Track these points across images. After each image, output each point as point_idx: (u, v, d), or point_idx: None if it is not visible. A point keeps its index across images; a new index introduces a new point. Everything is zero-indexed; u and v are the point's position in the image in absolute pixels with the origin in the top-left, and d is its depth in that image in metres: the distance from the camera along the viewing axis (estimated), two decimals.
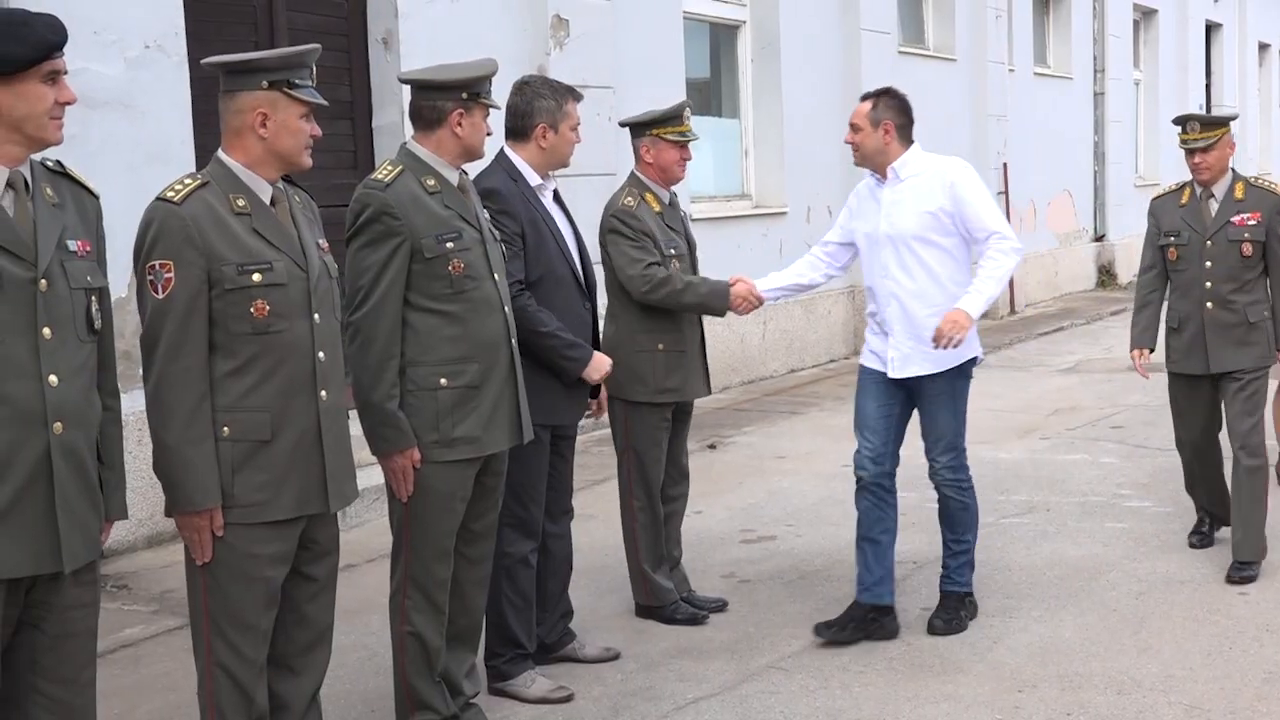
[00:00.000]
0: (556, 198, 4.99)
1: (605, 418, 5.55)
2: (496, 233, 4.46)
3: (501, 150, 4.87)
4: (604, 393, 5.28)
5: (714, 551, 6.61)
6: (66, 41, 3.04)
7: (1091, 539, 6.69)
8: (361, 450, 4.13)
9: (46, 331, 3.00)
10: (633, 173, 5.64)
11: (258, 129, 3.55)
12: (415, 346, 4.18)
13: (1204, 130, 6.09)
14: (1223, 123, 6.15)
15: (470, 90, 4.27)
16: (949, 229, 5.26)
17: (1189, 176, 6.25)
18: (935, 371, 5.28)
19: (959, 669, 5.04)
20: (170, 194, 3.49)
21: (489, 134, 4.37)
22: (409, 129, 4.38)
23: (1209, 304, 6.10)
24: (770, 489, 7.92)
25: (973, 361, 5.36)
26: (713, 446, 9.13)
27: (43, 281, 3.00)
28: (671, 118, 5.56)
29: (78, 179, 3.25)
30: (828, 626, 5.33)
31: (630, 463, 5.60)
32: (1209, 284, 6.10)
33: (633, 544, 5.63)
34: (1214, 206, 6.14)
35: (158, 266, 3.44)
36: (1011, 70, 16.48)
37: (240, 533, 3.53)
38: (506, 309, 4.34)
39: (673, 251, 5.52)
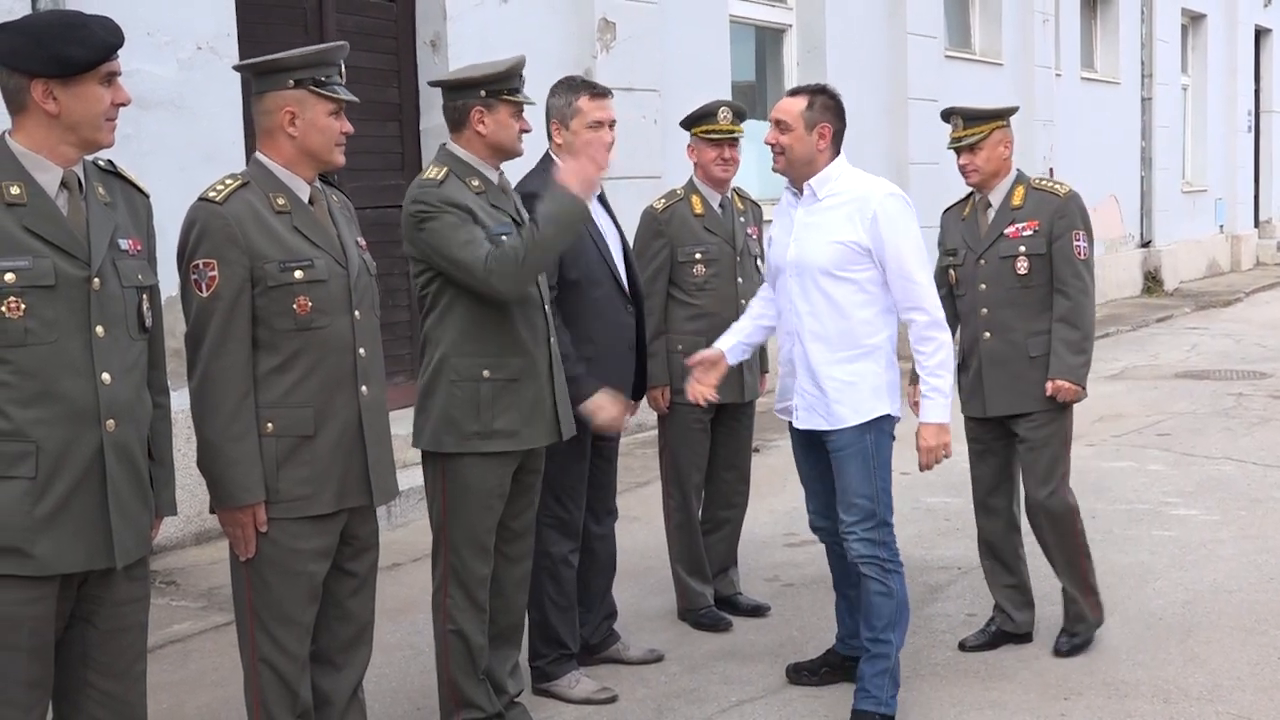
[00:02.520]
0: (602, 200, 4.99)
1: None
2: None
3: (546, 151, 4.89)
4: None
5: (758, 555, 6.60)
6: (123, 43, 3.08)
7: (1138, 546, 6.64)
8: (404, 450, 4.16)
9: (99, 330, 3.04)
10: (691, 175, 5.66)
11: (287, 128, 3.59)
12: (461, 338, 4.20)
13: (969, 125, 5.16)
14: (993, 116, 5.19)
15: (489, 88, 4.25)
16: (864, 261, 4.44)
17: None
18: (836, 428, 4.51)
19: (1004, 676, 5.02)
20: (212, 194, 3.53)
21: (526, 130, 4.34)
22: None
23: (986, 334, 5.15)
24: None
25: (888, 419, 4.52)
26: (757, 450, 9.08)
27: (95, 280, 3.04)
28: (706, 115, 5.56)
29: (129, 178, 3.29)
30: (797, 670, 5.00)
31: (666, 462, 5.63)
32: (984, 310, 5.15)
33: (670, 545, 5.64)
34: (990, 217, 5.22)
35: (201, 265, 3.48)
36: (1058, 75, 16.39)
37: (284, 528, 3.56)
38: (547, 306, 4.36)
39: (699, 255, 5.51)
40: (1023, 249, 5.09)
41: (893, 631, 4.54)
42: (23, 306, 2.93)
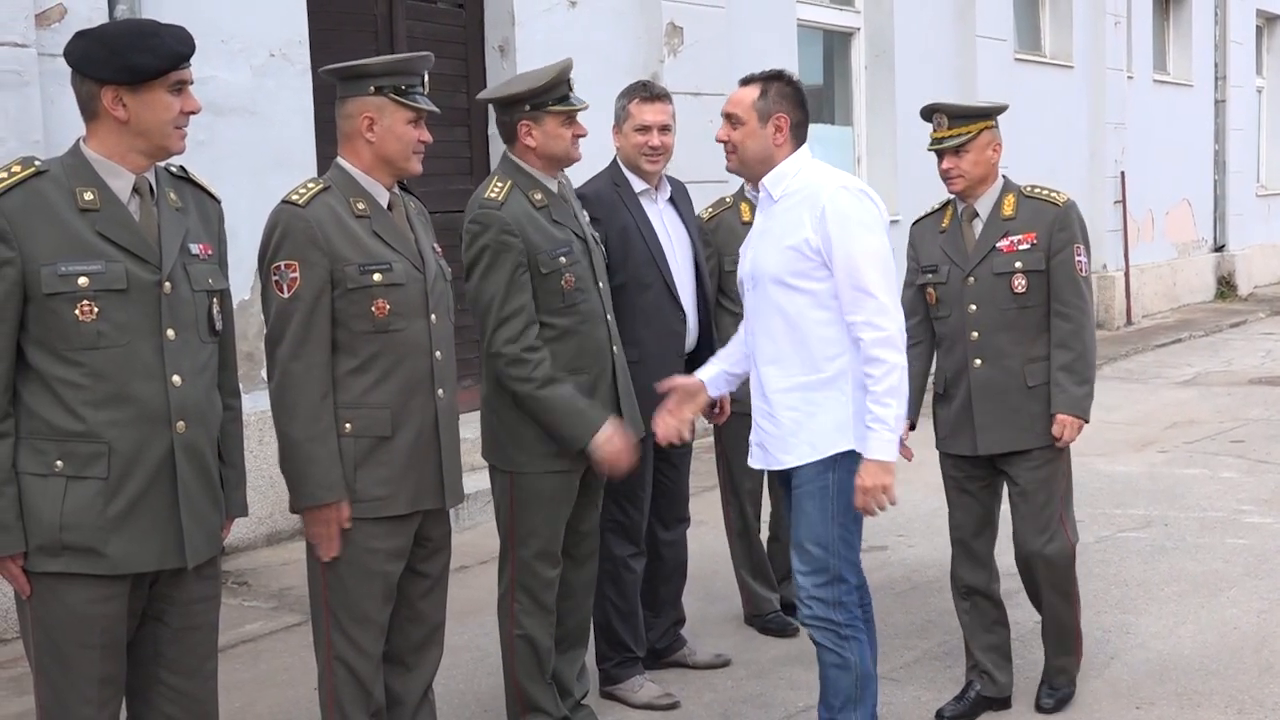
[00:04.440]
0: (674, 201, 4.99)
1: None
2: (597, 234, 4.48)
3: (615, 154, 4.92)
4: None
5: None
6: (194, 53, 3.11)
7: (1211, 555, 6.55)
8: (471, 454, 4.18)
9: (170, 333, 3.08)
10: (742, 183, 5.64)
11: (365, 133, 3.62)
12: None
13: (954, 125, 4.56)
14: (981, 115, 4.59)
15: (532, 101, 4.23)
16: (822, 269, 3.78)
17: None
18: (793, 466, 3.90)
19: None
20: (295, 197, 3.58)
21: (580, 135, 4.32)
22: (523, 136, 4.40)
23: (977, 361, 4.57)
24: None
25: (851, 455, 3.81)
26: None
27: (167, 284, 3.08)
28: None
29: (200, 184, 3.33)
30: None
31: (723, 469, 5.62)
32: (974, 334, 4.57)
33: (732, 551, 5.63)
34: (978, 229, 4.63)
35: (283, 267, 3.52)
36: (1130, 77, 16.20)
37: (361, 528, 3.59)
38: (609, 316, 4.36)
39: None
40: (1019, 265, 4.52)
41: (853, 710, 3.89)
42: (95, 310, 2.98)
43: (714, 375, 4.22)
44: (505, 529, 4.33)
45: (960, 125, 4.55)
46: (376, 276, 3.55)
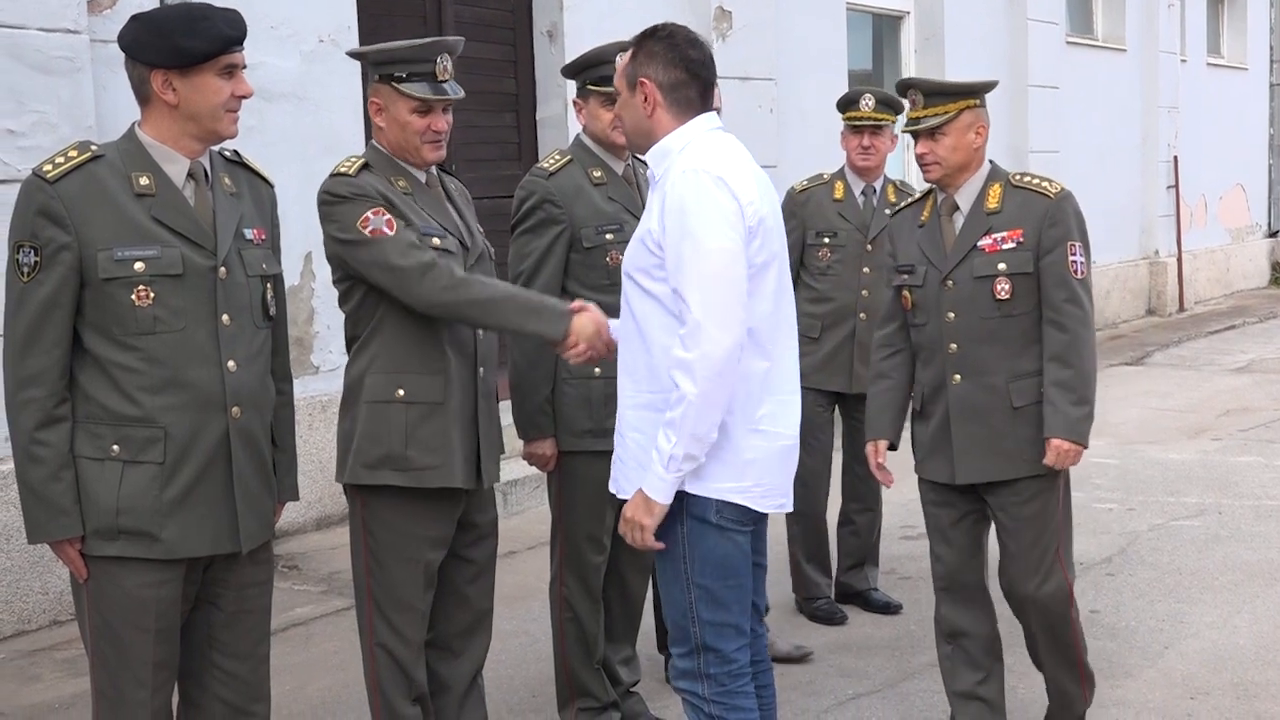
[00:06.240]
0: None
1: None
2: None
3: None
4: None
5: None
6: (245, 37, 3.10)
7: (1267, 544, 6.47)
8: (515, 439, 4.17)
9: (225, 318, 3.09)
10: (844, 162, 5.64)
11: (376, 119, 3.63)
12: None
13: (930, 103, 3.96)
14: (963, 92, 3.97)
15: (579, 79, 4.29)
16: (664, 269, 3.12)
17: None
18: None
19: (1128, 674, 4.91)
20: (342, 169, 3.58)
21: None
22: (573, 121, 4.41)
23: (955, 376, 3.99)
24: None
25: (703, 502, 3.13)
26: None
27: (222, 269, 3.08)
28: (849, 101, 5.54)
29: (254, 168, 3.34)
30: None
31: None
32: (952, 346, 3.99)
33: (788, 532, 5.60)
34: (959, 224, 4.03)
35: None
36: (1184, 61, 16.03)
37: (403, 511, 3.58)
38: None
39: (827, 240, 5.46)
40: (1003, 266, 3.93)
41: None
42: (152, 295, 2.99)
43: None
44: (555, 510, 4.35)
45: (937, 104, 3.96)
46: (435, 241, 3.55)
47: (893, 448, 4.24)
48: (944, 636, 4.20)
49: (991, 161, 4.09)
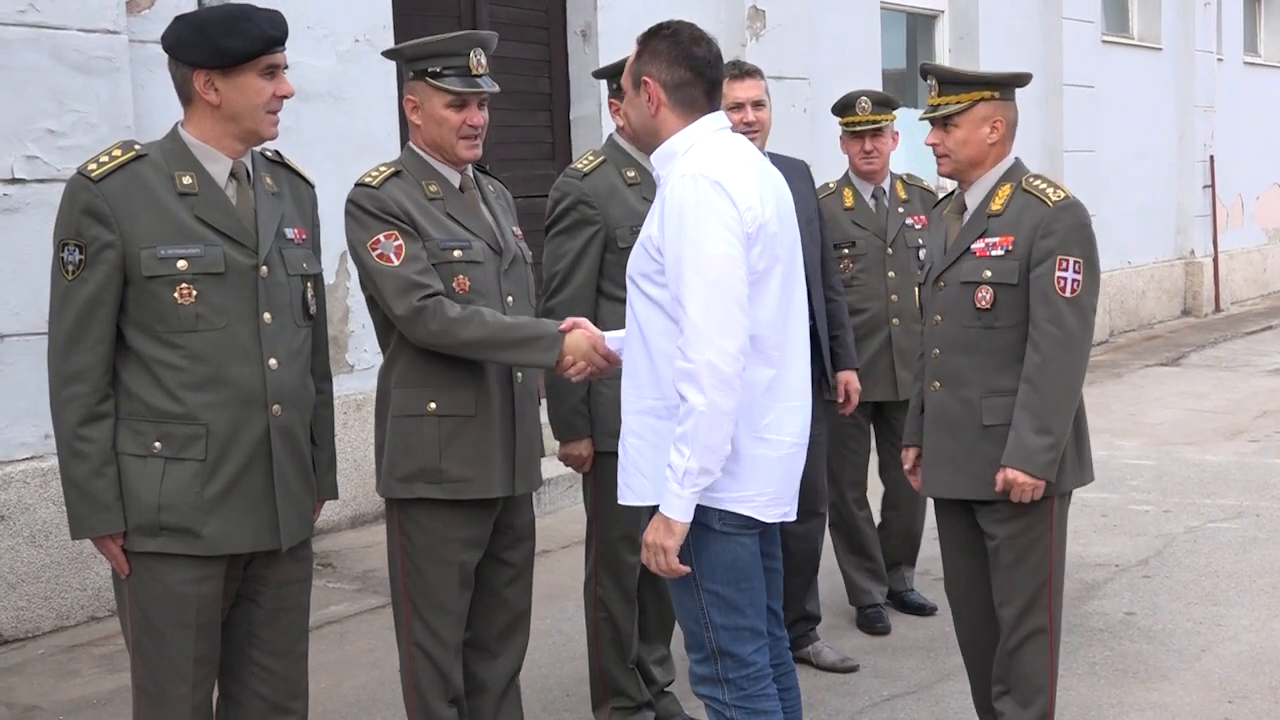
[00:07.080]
0: (801, 172, 4.95)
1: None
2: None
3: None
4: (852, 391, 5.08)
5: None
6: (286, 37, 3.12)
7: None
8: (552, 439, 4.18)
9: (267, 316, 3.11)
10: (847, 168, 5.61)
11: (412, 116, 3.62)
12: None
13: (945, 92, 3.81)
14: (980, 82, 3.80)
15: (610, 81, 4.32)
16: (665, 274, 3.07)
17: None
18: (630, 504, 3.27)
19: (1165, 677, 4.89)
20: (368, 179, 3.55)
21: None
22: (607, 121, 4.42)
23: (935, 384, 3.83)
24: None
25: (709, 512, 3.08)
26: None
27: (263, 268, 3.11)
28: (846, 106, 5.48)
29: (295, 168, 3.36)
30: None
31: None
32: (936, 351, 3.83)
33: (834, 542, 5.57)
34: (963, 223, 3.86)
35: (382, 239, 3.46)
36: (1220, 59, 15.93)
37: (437, 515, 3.57)
38: None
39: (846, 251, 5.40)
40: (988, 274, 3.69)
41: None
42: (194, 293, 3.01)
43: None
44: (590, 509, 4.35)
45: (951, 93, 3.77)
46: (457, 253, 3.53)
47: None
48: (964, 651, 4.09)
49: (1017, 159, 3.87)
